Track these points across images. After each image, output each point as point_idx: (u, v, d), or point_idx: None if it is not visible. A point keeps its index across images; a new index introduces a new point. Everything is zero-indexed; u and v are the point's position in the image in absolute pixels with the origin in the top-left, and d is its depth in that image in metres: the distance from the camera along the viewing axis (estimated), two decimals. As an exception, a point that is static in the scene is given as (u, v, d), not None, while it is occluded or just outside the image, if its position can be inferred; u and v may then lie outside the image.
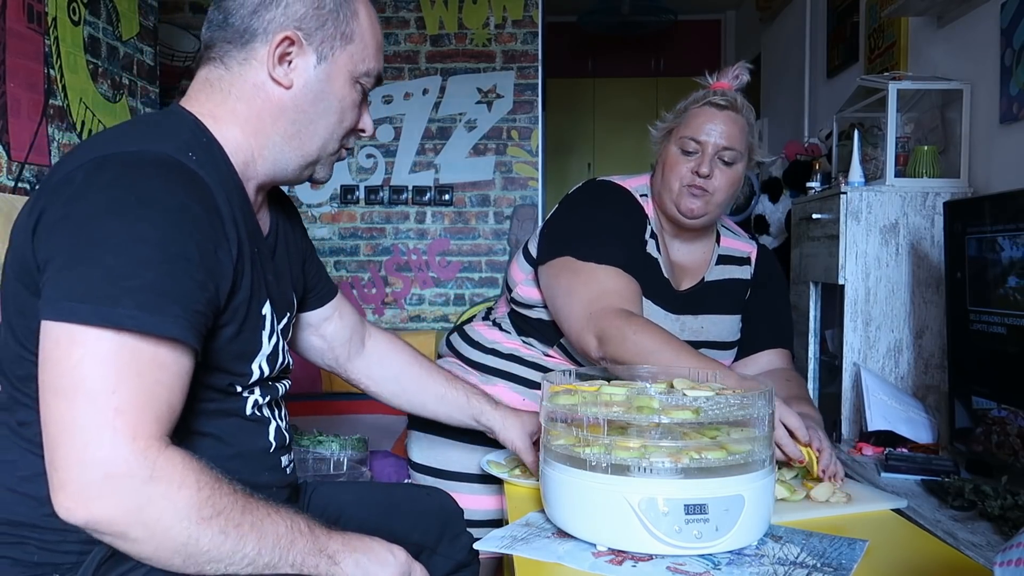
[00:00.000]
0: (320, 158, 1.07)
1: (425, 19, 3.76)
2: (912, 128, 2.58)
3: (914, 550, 1.06)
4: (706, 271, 1.60)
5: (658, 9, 4.82)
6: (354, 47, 1.02)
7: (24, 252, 0.88)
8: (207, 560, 0.82)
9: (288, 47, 0.99)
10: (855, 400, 2.29)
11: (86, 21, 2.44)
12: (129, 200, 0.83)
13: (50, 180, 0.90)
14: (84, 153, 0.90)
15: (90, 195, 0.84)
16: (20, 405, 0.92)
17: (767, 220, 3.51)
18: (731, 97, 1.50)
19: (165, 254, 0.83)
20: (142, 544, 0.80)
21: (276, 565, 0.86)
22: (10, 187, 2.08)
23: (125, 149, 0.89)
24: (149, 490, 0.78)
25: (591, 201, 1.57)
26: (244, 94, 1.00)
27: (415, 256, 3.79)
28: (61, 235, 0.84)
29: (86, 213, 0.83)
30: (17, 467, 0.92)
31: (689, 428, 1.02)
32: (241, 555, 0.83)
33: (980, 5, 2.30)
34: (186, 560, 0.82)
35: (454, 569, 1.25)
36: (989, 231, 1.81)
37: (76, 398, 0.78)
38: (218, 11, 1.01)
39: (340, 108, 1.04)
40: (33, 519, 0.90)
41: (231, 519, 0.82)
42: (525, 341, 1.63)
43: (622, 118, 5.95)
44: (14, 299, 0.91)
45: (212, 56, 1.01)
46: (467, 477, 1.54)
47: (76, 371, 0.78)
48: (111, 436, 0.77)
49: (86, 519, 0.78)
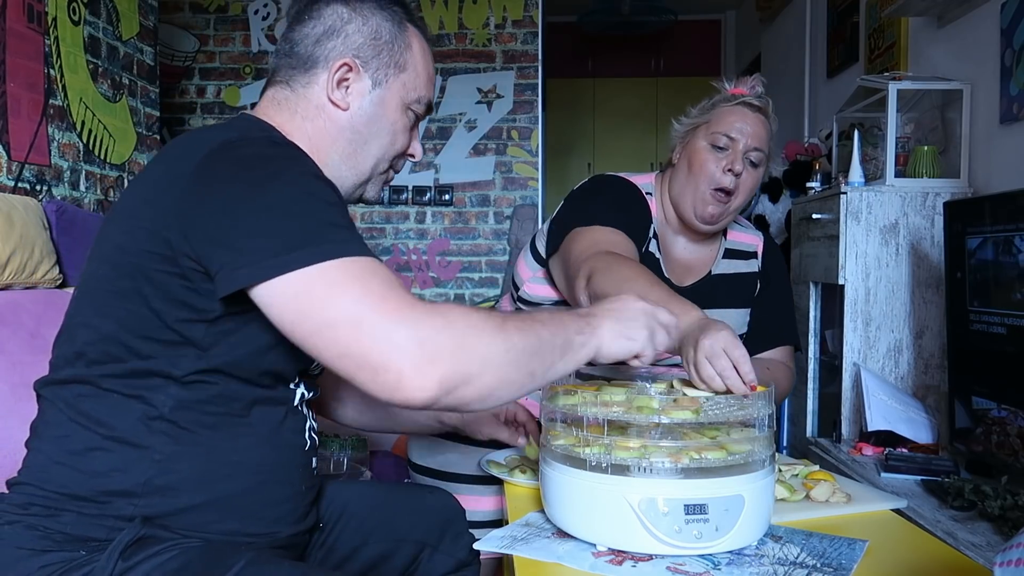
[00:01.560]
0: (372, 177, 1.15)
1: (425, 19, 3.76)
2: (912, 128, 2.58)
3: (914, 550, 1.06)
4: (712, 265, 1.60)
5: (658, 9, 4.82)
6: (406, 76, 1.12)
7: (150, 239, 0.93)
8: (529, 355, 0.90)
9: (346, 73, 1.08)
10: (855, 400, 2.29)
11: (86, 21, 2.44)
12: (283, 162, 0.93)
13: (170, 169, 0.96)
14: (198, 144, 0.96)
15: (242, 168, 0.92)
16: (82, 381, 0.97)
17: (767, 220, 3.52)
18: (765, 101, 1.51)
19: (331, 197, 0.93)
20: (484, 377, 0.87)
21: (567, 338, 0.95)
22: (10, 187, 2.08)
23: (247, 135, 0.99)
24: (457, 328, 0.86)
25: (598, 190, 1.57)
26: (309, 113, 1.09)
27: (415, 256, 3.79)
28: (234, 207, 0.90)
29: (248, 184, 0.91)
30: (69, 441, 0.96)
31: (689, 428, 1.02)
32: (543, 340, 0.92)
33: (980, 5, 2.30)
34: (519, 368, 0.89)
35: (455, 568, 1.26)
36: (989, 231, 1.81)
37: (351, 317, 0.84)
38: (286, 41, 1.11)
39: (392, 131, 1.13)
40: (80, 491, 0.94)
41: (512, 319, 0.91)
42: (529, 342, 1.62)
43: (622, 118, 5.95)
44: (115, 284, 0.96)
45: (278, 79, 1.11)
46: (467, 478, 1.54)
47: (337, 300, 0.85)
48: (398, 318, 0.84)
49: (439, 385, 0.84)
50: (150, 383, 0.96)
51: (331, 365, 0.87)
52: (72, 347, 1.00)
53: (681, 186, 1.53)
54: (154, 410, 0.95)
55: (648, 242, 1.54)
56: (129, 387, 0.96)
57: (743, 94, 1.51)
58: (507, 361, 0.88)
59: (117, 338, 0.95)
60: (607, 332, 0.99)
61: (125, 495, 0.94)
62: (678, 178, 1.54)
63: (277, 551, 1.04)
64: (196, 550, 0.94)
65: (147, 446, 0.95)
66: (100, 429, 0.95)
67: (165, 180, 0.95)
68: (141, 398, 0.95)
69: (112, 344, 0.96)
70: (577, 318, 0.98)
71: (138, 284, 0.94)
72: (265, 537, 1.02)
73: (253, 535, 1.00)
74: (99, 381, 0.96)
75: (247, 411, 1.00)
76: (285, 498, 1.04)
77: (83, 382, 0.97)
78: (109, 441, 0.95)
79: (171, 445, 0.96)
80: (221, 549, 0.95)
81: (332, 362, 0.86)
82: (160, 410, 0.95)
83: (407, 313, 0.84)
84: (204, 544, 0.96)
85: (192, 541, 0.96)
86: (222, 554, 0.94)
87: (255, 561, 0.94)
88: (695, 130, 1.53)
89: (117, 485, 0.94)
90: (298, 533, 1.08)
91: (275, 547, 1.04)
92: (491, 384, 0.87)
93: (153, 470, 0.95)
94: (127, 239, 0.96)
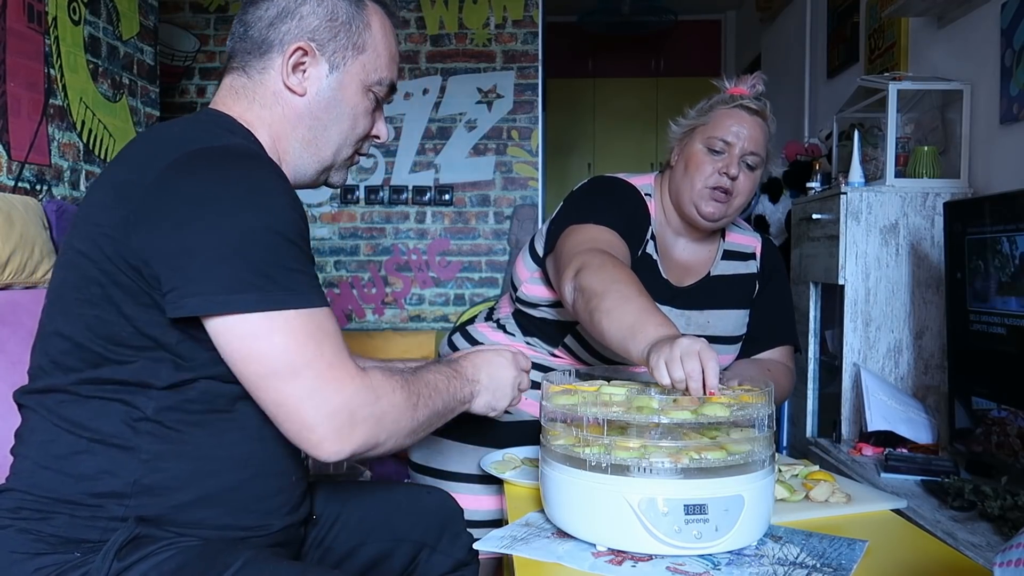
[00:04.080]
0: (335, 163, 1.13)
1: (425, 19, 3.76)
2: (912, 128, 2.58)
3: (914, 550, 1.06)
4: (711, 266, 1.60)
5: (658, 9, 4.82)
6: (366, 57, 1.09)
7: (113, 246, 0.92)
8: (424, 427, 1.04)
9: (301, 57, 1.05)
10: (855, 400, 2.29)
11: (86, 21, 2.44)
12: (246, 192, 0.92)
13: (131, 176, 0.94)
14: (161, 150, 0.95)
15: (207, 191, 0.91)
16: (61, 390, 0.96)
17: (767, 220, 3.52)
18: (762, 103, 1.50)
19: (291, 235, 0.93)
20: (387, 445, 0.98)
21: (452, 408, 1.10)
22: (10, 187, 2.08)
23: (211, 144, 0.96)
24: (380, 405, 0.95)
25: (596, 190, 1.57)
26: (267, 101, 1.07)
27: (415, 256, 3.79)
28: (192, 232, 0.89)
29: (212, 209, 0.90)
30: (54, 446, 0.96)
31: (689, 428, 1.02)
32: (437, 412, 1.06)
33: (980, 5, 2.30)
34: (414, 436, 1.03)
35: (454, 568, 1.26)
36: (989, 231, 1.81)
37: (298, 373, 0.90)
38: (240, 24, 1.08)
39: (353, 115, 1.10)
40: (69, 495, 0.94)
41: (423, 395, 1.03)
42: (529, 342, 1.62)
43: (622, 118, 5.95)
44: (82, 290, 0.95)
45: (235, 66, 1.08)
46: (467, 477, 1.54)
47: (284, 353, 0.90)
48: (337, 385, 0.92)
49: (352, 450, 0.94)
50: (128, 387, 0.95)
51: (264, 407, 0.94)
52: (47, 357, 0.99)
53: (678, 187, 1.53)
54: (138, 412, 0.95)
55: (646, 244, 1.54)
56: (109, 392, 0.95)
57: (742, 94, 1.51)
58: (408, 432, 1.01)
59: (91, 346, 0.95)
60: (480, 402, 1.15)
61: (115, 496, 0.94)
62: (675, 179, 1.54)
63: (275, 549, 1.04)
64: (193, 550, 0.94)
65: (133, 447, 0.95)
66: (85, 433, 0.95)
67: (126, 187, 0.94)
68: (123, 401, 0.95)
69: (86, 352, 0.95)
70: (465, 385, 1.12)
71: (107, 290, 0.93)
72: (259, 530, 1.01)
73: (247, 528, 1.00)
74: (78, 389, 0.95)
75: (231, 407, 0.99)
76: (276, 490, 1.03)
77: (62, 391, 0.96)
78: (95, 444, 0.95)
79: (157, 444, 0.95)
80: (218, 548, 0.95)
81: (266, 405, 0.93)
82: (144, 412, 0.95)
83: (347, 384, 0.92)
84: (201, 543, 0.95)
85: (188, 539, 0.95)
86: (219, 553, 0.94)
87: (253, 560, 0.94)
88: (692, 132, 1.53)
89: (106, 487, 0.94)
90: (292, 525, 1.08)
91: (272, 543, 1.04)
92: (391, 447, 1.00)
93: (141, 470, 0.94)
94: (91, 246, 0.95)
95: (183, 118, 1.08)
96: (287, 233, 0.92)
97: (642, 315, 1.17)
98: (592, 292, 1.25)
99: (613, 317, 1.19)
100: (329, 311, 0.95)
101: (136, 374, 0.94)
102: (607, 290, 1.23)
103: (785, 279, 1.70)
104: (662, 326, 1.14)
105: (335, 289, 3.79)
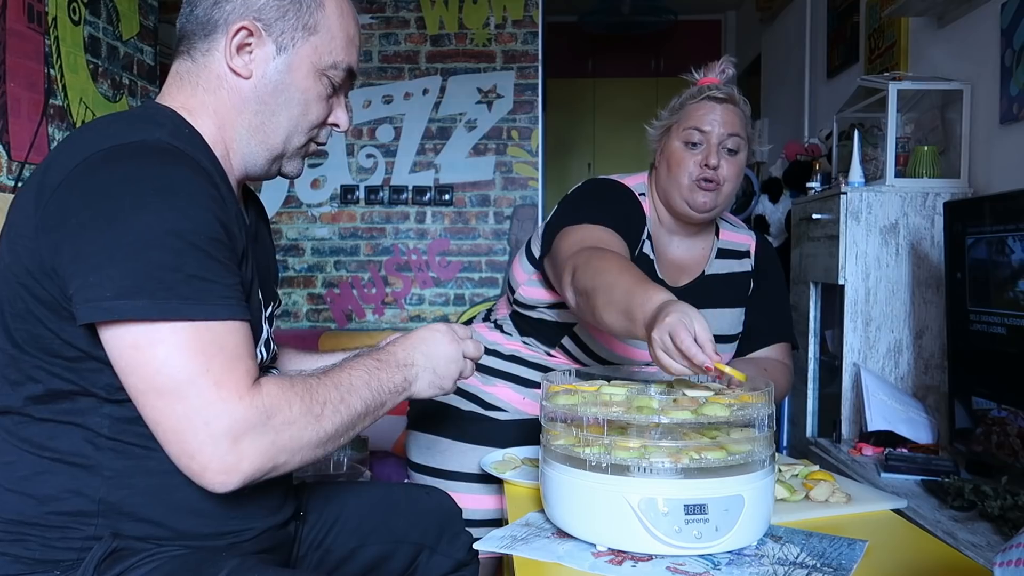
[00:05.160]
0: (286, 151, 1.06)
1: (425, 19, 3.76)
2: (912, 128, 2.58)
3: (914, 550, 1.06)
4: (706, 265, 1.60)
5: (658, 9, 4.82)
6: (318, 39, 1.02)
7: (29, 255, 0.88)
8: (341, 434, 0.95)
9: (246, 37, 0.99)
10: (855, 400, 2.29)
11: (86, 21, 2.44)
12: (152, 191, 0.86)
13: (48, 178, 0.89)
14: (78, 149, 0.90)
15: (109, 190, 0.86)
16: (16, 411, 0.93)
17: (767, 220, 3.52)
18: (728, 90, 1.51)
19: (200, 240, 0.86)
20: (291, 463, 0.90)
21: (382, 401, 1.00)
22: (10, 187, 2.08)
23: (125, 140, 0.90)
24: (273, 425, 0.86)
25: (590, 192, 1.57)
26: (211, 86, 1.01)
27: (415, 256, 3.79)
28: (90, 233, 0.84)
29: (111, 209, 0.84)
30: (16, 467, 0.92)
31: (689, 428, 1.02)
32: (358, 413, 0.96)
33: (980, 5, 2.30)
34: (327, 445, 0.94)
35: (454, 568, 1.25)
36: (989, 231, 1.81)
37: (179, 390, 0.83)
38: (186, 3, 1.02)
39: (303, 100, 1.03)
40: (34, 517, 0.91)
41: (331, 401, 0.93)
42: (526, 342, 1.63)
43: (622, 118, 5.94)
44: (12, 304, 0.91)
45: (182, 49, 1.02)
46: (466, 477, 1.54)
47: (167, 367, 0.83)
48: (223, 407, 0.83)
49: (242, 480, 0.86)
50: (78, 406, 0.91)
51: (149, 425, 0.86)
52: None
53: (666, 188, 1.54)
54: (94, 432, 0.91)
55: (642, 243, 1.54)
56: (60, 413, 0.91)
57: (711, 83, 1.51)
58: (317, 444, 0.92)
59: (27, 359, 0.91)
60: (422, 384, 1.07)
61: (82, 515, 0.91)
62: (661, 180, 1.55)
63: (262, 556, 1.01)
64: (176, 560, 0.91)
65: (95, 465, 0.91)
66: (45, 453, 0.91)
67: (41, 189, 0.89)
68: (78, 424, 0.91)
69: (24, 366, 0.91)
70: (396, 372, 1.03)
71: (28, 304, 0.89)
72: (240, 535, 0.99)
73: (227, 534, 0.97)
74: (30, 410, 0.92)
75: None
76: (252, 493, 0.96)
77: (16, 412, 0.93)
78: (56, 464, 0.91)
79: (120, 461, 0.92)
80: (202, 558, 0.93)
81: (150, 424, 0.86)
82: (100, 432, 0.91)
83: (233, 405, 0.84)
84: (183, 553, 0.93)
85: (169, 549, 0.93)
86: (203, 563, 0.92)
87: (238, 569, 0.92)
88: (668, 131, 1.55)
89: (71, 507, 0.91)
90: (275, 527, 1.04)
91: (258, 548, 1.01)
92: (297, 465, 0.91)
93: (105, 488, 0.91)
94: (12, 257, 0.90)
95: (117, 113, 1.02)
96: (192, 237, 0.85)
97: (628, 298, 1.17)
98: (586, 291, 1.26)
99: (610, 311, 1.20)
100: (237, 325, 0.88)
101: (77, 385, 0.90)
102: (596, 286, 1.24)
103: (781, 276, 1.70)
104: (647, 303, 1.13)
105: (335, 289, 3.79)
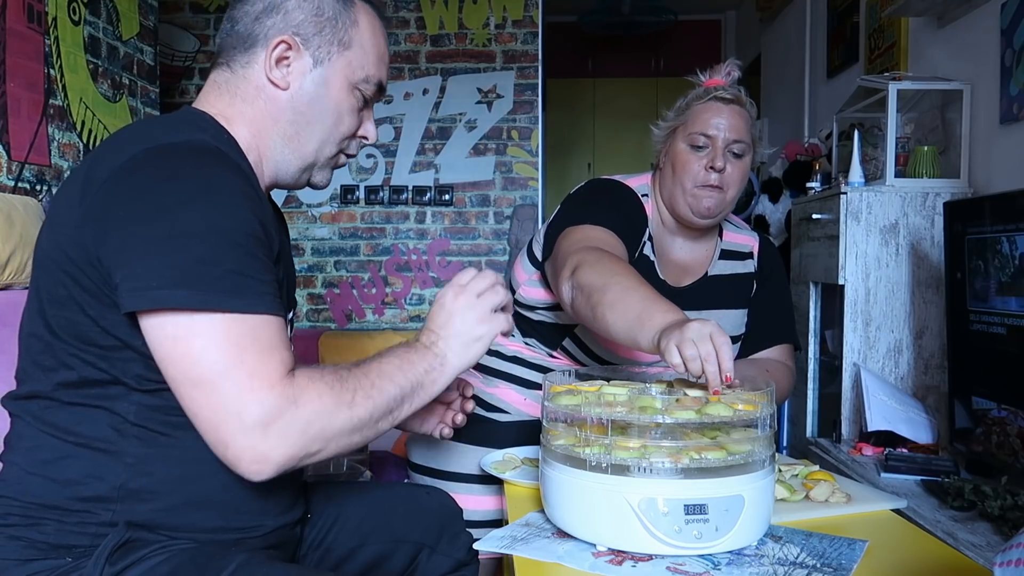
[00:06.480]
0: (317, 161, 1.11)
1: (425, 19, 3.76)
2: (912, 128, 2.58)
3: (914, 550, 1.06)
4: (709, 266, 1.60)
5: (658, 9, 4.82)
6: (352, 54, 1.08)
7: (73, 245, 0.92)
8: (377, 419, 0.96)
9: (285, 51, 1.05)
10: (855, 400, 2.29)
11: (86, 21, 2.44)
12: (195, 188, 0.90)
13: (94, 173, 0.93)
14: (124, 146, 0.94)
15: (155, 186, 0.90)
16: (44, 396, 0.96)
17: (767, 220, 3.52)
18: (735, 91, 1.50)
19: (240, 236, 0.90)
20: (326, 450, 0.91)
21: (418, 381, 1.00)
22: (10, 187, 2.08)
23: (170, 140, 0.95)
24: (303, 414, 0.88)
25: (592, 193, 1.57)
26: (248, 95, 1.06)
27: (415, 256, 3.79)
28: (136, 226, 0.88)
29: (157, 203, 0.89)
30: (40, 451, 0.95)
31: (690, 428, 1.02)
32: (392, 397, 0.97)
33: (980, 5, 2.30)
34: (363, 431, 0.95)
35: (454, 568, 1.25)
36: (989, 231, 1.81)
37: (214, 382, 0.86)
38: (228, 20, 1.08)
39: (336, 112, 1.09)
40: (54, 501, 0.93)
41: (362, 388, 0.94)
42: (527, 343, 1.62)
43: (622, 118, 5.95)
44: (51, 291, 0.94)
45: (220, 61, 1.08)
46: (467, 477, 1.54)
47: (204, 359, 0.86)
48: (255, 396, 0.86)
49: (276, 468, 0.88)
50: (108, 392, 0.94)
51: (187, 414, 0.89)
52: (29, 358, 0.99)
53: (670, 190, 1.53)
54: (120, 418, 0.94)
55: (643, 245, 1.54)
56: (89, 398, 0.94)
57: (717, 85, 1.50)
58: (351, 431, 0.93)
59: (62, 346, 0.94)
60: (454, 354, 1.04)
61: (101, 501, 0.93)
62: (666, 182, 1.54)
63: (269, 552, 1.03)
64: (186, 553, 0.93)
65: (118, 451, 0.94)
66: (69, 437, 0.94)
67: (87, 183, 0.93)
68: (105, 408, 0.94)
69: (59, 352, 0.94)
70: (424, 355, 1.02)
71: (70, 291, 0.93)
72: (252, 531, 1.01)
73: (239, 530, 0.99)
74: (59, 395, 0.95)
75: None
76: (267, 491, 1.02)
77: (45, 397, 0.96)
78: (80, 448, 0.94)
79: (143, 448, 0.95)
80: (211, 552, 0.94)
81: (188, 414, 0.89)
82: (126, 417, 0.94)
83: (264, 394, 0.86)
84: (194, 547, 0.95)
85: (180, 542, 0.95)
86: (212, 557, 0.93)
87: (246, 564, 0.93)
88: (673, 132, 1.54)
89: (91, 492, 0.93)
90: (286, 525, 1.07)
91: (266, 544, 1.03)
92: (333, 452, 0.93)
93: (127, 474, 0.94)
94: (53, 246, 0.95)
95: (159, 116, 1.07)
96: (233, 234, 0.89)
97: (647, 303, 1.16)
98: (592, 287, 1.24)
99: (617, 309, 1.18)
100: (273, 320, 0.90)
101: (109, 374, 0.94)
102: (607, 284, 1.22)
103: (784, 278, 1.70)
104: (669, 312, 1.13)
105: (335, 289, 3.79)
